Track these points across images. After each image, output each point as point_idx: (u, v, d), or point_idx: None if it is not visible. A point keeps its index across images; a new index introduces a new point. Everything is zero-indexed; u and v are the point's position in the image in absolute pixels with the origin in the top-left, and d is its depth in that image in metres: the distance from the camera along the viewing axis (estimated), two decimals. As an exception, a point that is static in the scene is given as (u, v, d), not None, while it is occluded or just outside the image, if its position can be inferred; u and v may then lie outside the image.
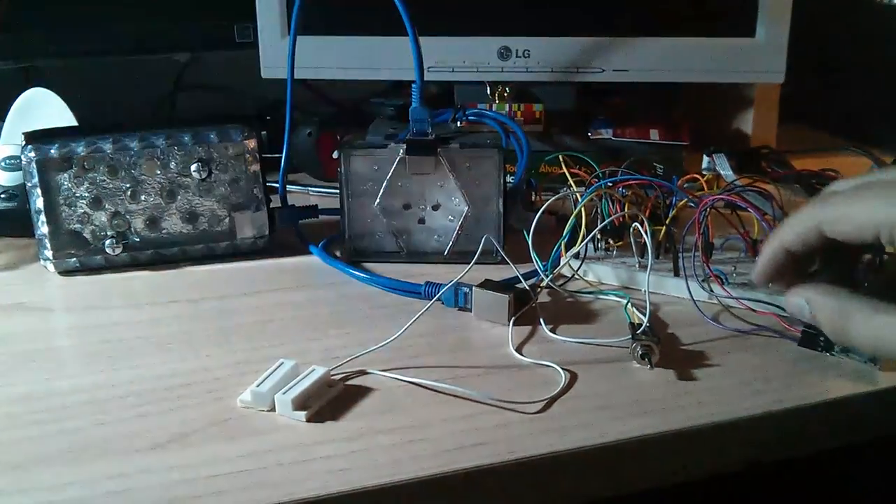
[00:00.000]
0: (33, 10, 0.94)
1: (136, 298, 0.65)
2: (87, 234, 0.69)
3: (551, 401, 0.50)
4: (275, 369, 0.51)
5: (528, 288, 0.62)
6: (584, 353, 0.55)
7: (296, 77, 0.74)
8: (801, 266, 0.51)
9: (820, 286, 0.49)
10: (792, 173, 0.89)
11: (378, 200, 0.69)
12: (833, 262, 0.51)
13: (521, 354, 0.56)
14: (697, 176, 0.72)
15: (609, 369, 0.53)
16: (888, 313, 0.46)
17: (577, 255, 0.66)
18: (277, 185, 0.75)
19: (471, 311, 0.61)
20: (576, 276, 0.65)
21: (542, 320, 0.60)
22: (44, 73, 1.02)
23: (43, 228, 0.68)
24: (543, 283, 0.64)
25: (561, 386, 0.51)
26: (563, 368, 0.53)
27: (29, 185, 0.67)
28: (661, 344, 0.54)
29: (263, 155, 0.72)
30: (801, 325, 0.55)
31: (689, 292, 0.61)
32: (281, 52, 0.88)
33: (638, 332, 0.55)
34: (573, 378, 0.53)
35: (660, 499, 0.56)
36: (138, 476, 0.43)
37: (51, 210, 0.68)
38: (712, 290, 0.62)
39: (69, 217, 0.68)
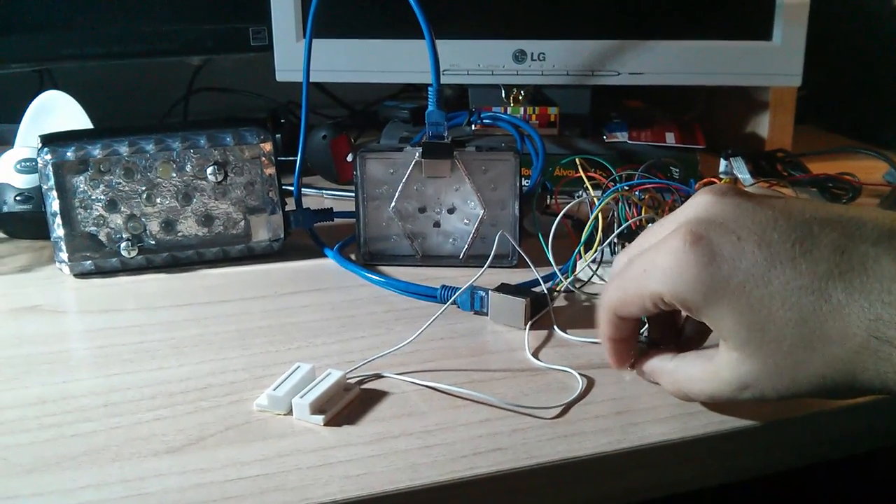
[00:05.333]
0: (48, 13, 0.94)
1: (151, 301, 0.65)
2: (102, 237, 0.69)
3: (568, 406, 0.50)
4: (291, 373, 0.51)
5: (545, 291, 0.61)
6: (601, 357, 0.55)
7: (311, 80, 0.73)
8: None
9: (650, 357, 0.50)
10: (808, 177, 0.89)
11: (393, 203, 0.69)
12: (661, 326, 0.52)
13: (538, 358, 0.55)
14: (714, 179, 0.71)
15: (626, 373, 0.53)
16: (677, 359, 0.48)
17: (594, 259, 0.65)
18: (292, 188, 0.75)
19: (487, 314, 0.61)
20: (593, 280, 0.65)
21: (557, 325, 0.59)
22: (59, 76, 1.03)
23: (58, 231, 0.68)
24: (560, 287, 0.64)
25: (578, 391, 0.51)
26: (580, 372, 0.53)
27: (45, 187, 0.67)
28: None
29: (278, 158, 0.72)
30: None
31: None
32: (296, 54, 0.88)
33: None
34: (590, 382, 0.52)
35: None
36: (154, 479, 0.43)
37: (66, 212, 0.68)
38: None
39: (85, 219, 0.68)
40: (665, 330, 0.52)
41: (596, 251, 0.64)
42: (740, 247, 0.42)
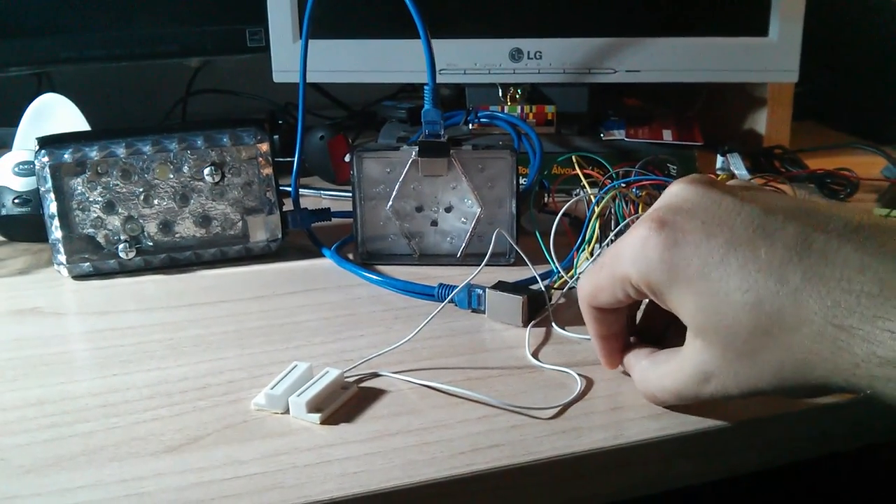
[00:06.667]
0: (45, 16, 0.94)
1: (149, 302, 0.65)
2: (100, 239, 0.69)
3: (566, 406, 0.49)
4: (288, 372, 0.51)
5: (542, 289, 0.61)
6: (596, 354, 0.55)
7: (308, 80, 0.73)
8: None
9: (630, 352, 0.51)
10: (806, 172, 0.89)
11: (390, 203, 0.69)
12: (653, 325, 0.52)
13: (535, 356, 0.55)
14: (712, 176, 0.71)
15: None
16: (651, 356, 0.49)
17: (591, 256, 0.65)
18: (290, 189, 0.75)
19: (484, 312, 0.61)
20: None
21: (555, 322, 0.59)
22: (56, 79, 1.03)
23: (56, 233, 0.68)
24: (557, 284, 0.64)
25: (576, 388, 0.51)
26: (577, 370, 0.53)
27: (42, 189, 0.67)
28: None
29: (275, 158, 0.72)
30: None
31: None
32: (293, 55, 0.88)
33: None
34: (588, 380, 0.52)
35: (675, 501, 0.55)
36: (152, 479, 0.43)
37: (64, 215, 0.68)
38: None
39: (82, 222, 0.69)
40: (656, 329, 0.52)
41: (593, 247, 0.64)
42: (703, 230, 0.43)
